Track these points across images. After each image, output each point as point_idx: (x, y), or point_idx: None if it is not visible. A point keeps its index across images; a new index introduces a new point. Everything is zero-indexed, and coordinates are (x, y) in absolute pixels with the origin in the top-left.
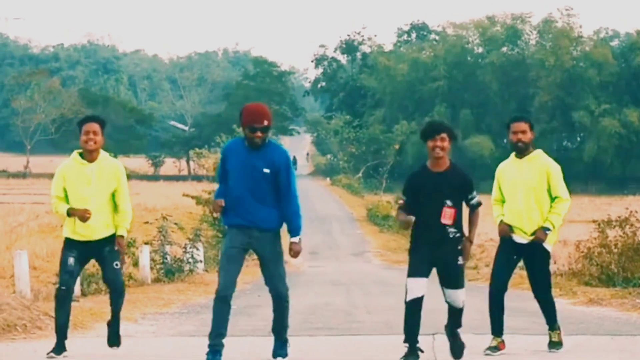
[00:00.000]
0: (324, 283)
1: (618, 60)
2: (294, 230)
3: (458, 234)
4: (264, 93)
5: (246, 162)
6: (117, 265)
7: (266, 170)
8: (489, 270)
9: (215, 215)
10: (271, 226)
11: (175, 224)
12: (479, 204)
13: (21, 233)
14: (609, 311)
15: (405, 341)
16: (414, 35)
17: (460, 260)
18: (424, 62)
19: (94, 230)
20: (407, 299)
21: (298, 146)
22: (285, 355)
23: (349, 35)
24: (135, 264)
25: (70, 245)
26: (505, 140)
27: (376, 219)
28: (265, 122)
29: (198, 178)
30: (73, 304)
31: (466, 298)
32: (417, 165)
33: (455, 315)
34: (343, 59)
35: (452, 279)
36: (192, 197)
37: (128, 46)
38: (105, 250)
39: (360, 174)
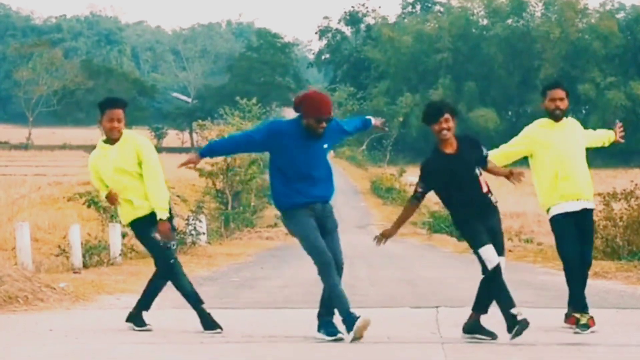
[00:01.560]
0: None
1: (624, 32)
2: (369, 120)
3: (496, 201)
4: (267, 65)
5: (305, 145)
6: (174, 245)
7: (325, 146)
8: None
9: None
10: (330, 197)
11: (178, 196)
12: (487, 155)
13: (23, 205)
14: (614, 284)
15: (511, 307)
16: (418, 6)
17: (502, 228)
18: (429, 34)
19: (125, 215)
20: (490, 267)
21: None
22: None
23: (353, 7)
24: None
25: (141, 223)
26: (509, 113)
27: (380, 191)
28: (331, 114)
29: None
30: (74, 275)
31: (472, 271)
32: (430, 155)
33: (492, 287)
34: (347, 30)
35: (500, 246)
36: (195, 170)
37: (131, 17)
38: (152, 231)
39: (364, 147)
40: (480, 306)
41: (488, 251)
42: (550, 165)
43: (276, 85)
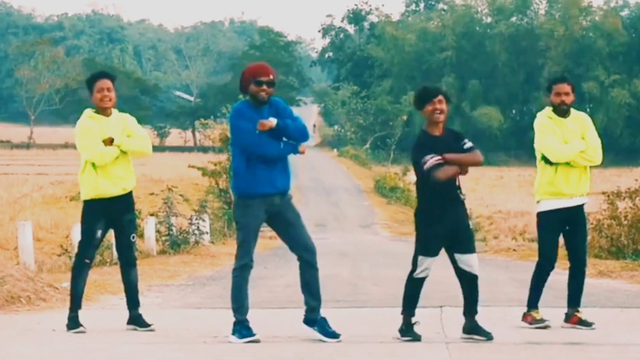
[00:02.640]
0: (330, 255)
1: (628, 30)
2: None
3: (464, 197)
4: (270, 63)
5: (257, 122)
6: (133, 238)
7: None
8: (497, 242)
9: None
10: (289, 188)
11: (181, 195)
12: (473, 147)
13: (25, 204)
14: (618, 284)
15: (408, 312)
16: (422, 5)
17: (470, 224)
18: (432, 32)
19: (117, 182)
20: (417, 276)
21: (305, 117)
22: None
23: (356, 5)
24: (141, 236)
25: (94, 210)
26: (513, 111)
27: (384, 190)
28: (271, 77)
29: (204, 149)
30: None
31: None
32: (418, 133)
33: (473, 285)
34: (350, 28)
35: (468, 242)
36: (198, 169)
37: (133, 15)
38: (126, 220)
39: (367, 145)
40: (469, 309)
41: (428, 263)
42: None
43: (279, 83)
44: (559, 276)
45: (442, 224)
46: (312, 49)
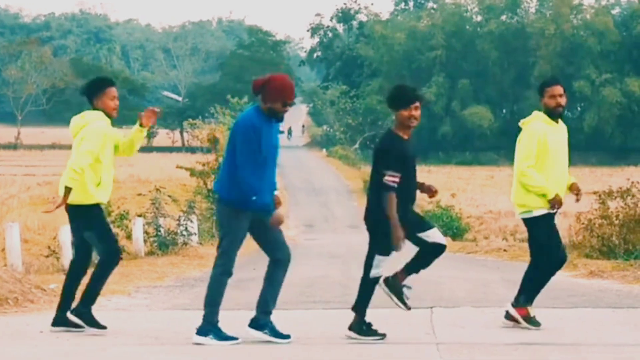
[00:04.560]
0: (320, 255)
1: (619, 28)
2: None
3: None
4: (258, 63)
5: (271, 132)
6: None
7: (279, 134)
8: (488, 242)
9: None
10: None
11: (169, 196)
12: None
13: (12, 205)
14: (610, 283)
15: (359, 311)
16: (411, 3)
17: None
18: (422, 31)
19: (110, 191)
20: (373, 275)
21: (294, 117)
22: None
23: (345, 4)
24: (129, 237)
25: (99, 210)
26: (504, 111)
27: None
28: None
29: (192, 150)
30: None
31: (466, 271)
32: (387, 134)
33: (436, 254)
34: (339, 28)
35: (423, 221)
36: (186, 169)
37: (120, 15)
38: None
39: (356, 145)
40: (410, 270)
41: (387, 263)
42: (542, 168)
43: None
44: (563, 278)
45: (405, 219)
46: (300, 49)
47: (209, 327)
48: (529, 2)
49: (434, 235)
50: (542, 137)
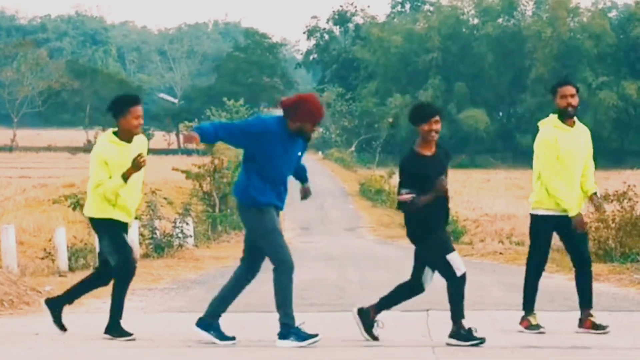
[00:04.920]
0: (316, 258)
1: (616, 31)
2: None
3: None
4: (254, 65)
5: (289, 148)
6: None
7: (299, 154)
8: (484, 245)
9: (187, 145)
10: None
11: (165, 198)
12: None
13: (7, 207)
14: (606, 287)
15: (462, 317)
16: (408, 6)
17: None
18: (418, 33)
19: (132, 211)
20: (459, 274)
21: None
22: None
23: (341, 6)
24: None
25: (116, 224)
26: (500, 114)
27: (369, 193)
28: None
29: (188, 152)
30: (60, 279)
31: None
32: (407, 153)
33: (413, 294)
34: (336, 30)
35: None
36: (182, 172)
37: (116, 17)
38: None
39: (353, 148)
40: (455, 313)
41: (457, 258)
42: (554, 171)
43: (264, 85)
44: (548, 280)
45: (442, 229)
46: (297, 51)
47: (289, 330)
48: (526, 4)
49: (428, 279)
50: (552, 142)
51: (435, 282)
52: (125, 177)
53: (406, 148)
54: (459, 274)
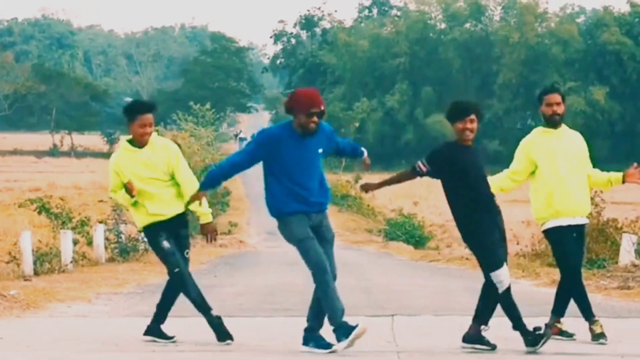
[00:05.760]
0: (282, 263)
1: (584, 37)
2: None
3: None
4: (221, 69)
5: (302, 149)
6: (187, 254)
7: (320, 150)
8: (450, 251)
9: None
10: (327, 204)
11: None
12: None
13: None
14: None
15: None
16: (375, 10)
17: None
18: (386, 38)
19: (167, 206)
20: (501, 290)
21: (256, 124)
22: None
23: (308, 11)
24: (89, 243)
25: (154, 230)
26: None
27: (335, 198)
28: (322, 107)
29: None
30: (25, 283)
31: (428, 279)
32: (446, 142)
33: (495, 297)
34: (303, 34)
35: (506, 251)
36: None
37: (83, 21)
38: (182, 234)
39: None
40: (481, 318)
41: (504, 273)
42: (548, 178)
43: (230, 90)
44: (518, 286)
45: (494, 227)
46: (264, 55)
47: (342, 332)
48: (494, 9)
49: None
50: (527, 150)
51: (403, 289)
52: (129, 192)
53: (373, 152)
54: (501, 289)
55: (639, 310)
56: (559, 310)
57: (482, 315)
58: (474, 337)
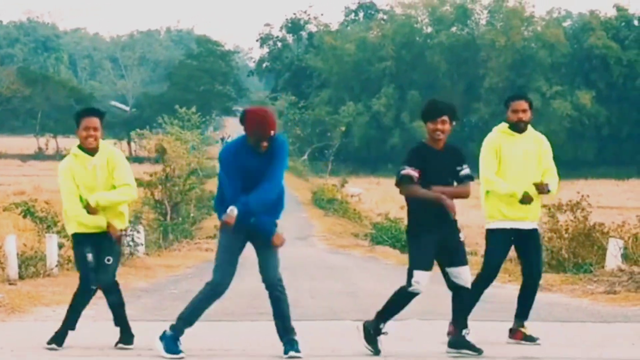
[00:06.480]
0: None
1: (570, 41)
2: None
3: (455, 217)
4: (207, 73)
5: (251, 163)
6: (108, 260)
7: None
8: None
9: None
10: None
11: None
12: (470, 176)
13: None
14: (559, 297)
15: (384, 321)
16: (361, 14)
17: (462, 237)
18: (372, 42)
19: (100, 221)
20: (410, 290)
21: (241, 128)
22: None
23: (294, 14)
24: None
25: (82, 240)
26: (453, 122)
27: (321, 202)
28: (272, 133)
29: (139, 160)
30: (10, 287)
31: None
32: (415, 143)
33: (464, 299)
34: (289, 38)
35: (459, 255)
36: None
37: (68, 24)
38: (104, 243)
39: (305, 157)
40: (459, 322)
41: (422, 276)
42: (493, 171)
43: (216, 93)
44: (500, 290)
45: (431, 236)
46: (249, 59)
47: (171, 340)
48: (480, 13)
49: (459, 274)
50: (494, 145)
51: (388, 293)
52: (89, 212)
53: (359, 156)
54: (411, 289)
55: (625, 315)
56: (522, 314)
57: (459, 319)
58: (459, 342)
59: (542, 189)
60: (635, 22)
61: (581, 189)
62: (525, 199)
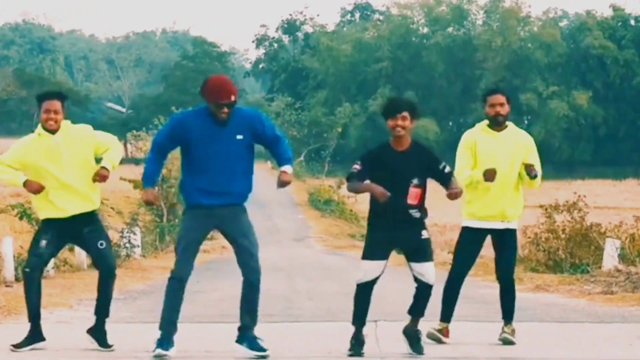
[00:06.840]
0: (264, 269)
1: (567, 41)
2: (284, 161)
3: (419, 214)
4: (203, 74)
5: (213, 136)
6: (101, 244)
7: (239, 137)
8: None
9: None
10: (240, 199)
11: (112, 208)
12: (452, 172)
13: None
14: (556, 298)
15: (353, 323)
16: (357, 15)
17: (425, 235)
18: (368, 42)
19: (70, 204)
20: (358, 281)
21: None
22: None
23: (290, 15)
24: (71, 249)
25: (45, 226)
26: (450, 123)
27: (318, 203)
28: (232, 98)
29: (136, 161)
30: (6, 289)
31: (412, 284)
32: (378, 143)
33: (423, 295)
34: (285, 39)
35: (419, 251)
36: (130, 181)
37: (64, 25)
38: (85, 232)
39: (301, 158)
40: (412, 312)
41: (367, 265)
42: (466, 166)
43: None
44: (497, 290)
45: (382, 232)
46: (245, 60)
47: (164, 341)
48: (476, 14)
49: (419, 269)
50: (470, 143)
51: (385, 294)
52: (26, 185)
53: (355, 157)
54: (358, 280)
55: (622, 315)
56: (504, 315)
57: (413, 312)
58: (408, 331)
59: (530, 169)
60: (632, 22)
61: (578, 189)
62: (488, 175)
